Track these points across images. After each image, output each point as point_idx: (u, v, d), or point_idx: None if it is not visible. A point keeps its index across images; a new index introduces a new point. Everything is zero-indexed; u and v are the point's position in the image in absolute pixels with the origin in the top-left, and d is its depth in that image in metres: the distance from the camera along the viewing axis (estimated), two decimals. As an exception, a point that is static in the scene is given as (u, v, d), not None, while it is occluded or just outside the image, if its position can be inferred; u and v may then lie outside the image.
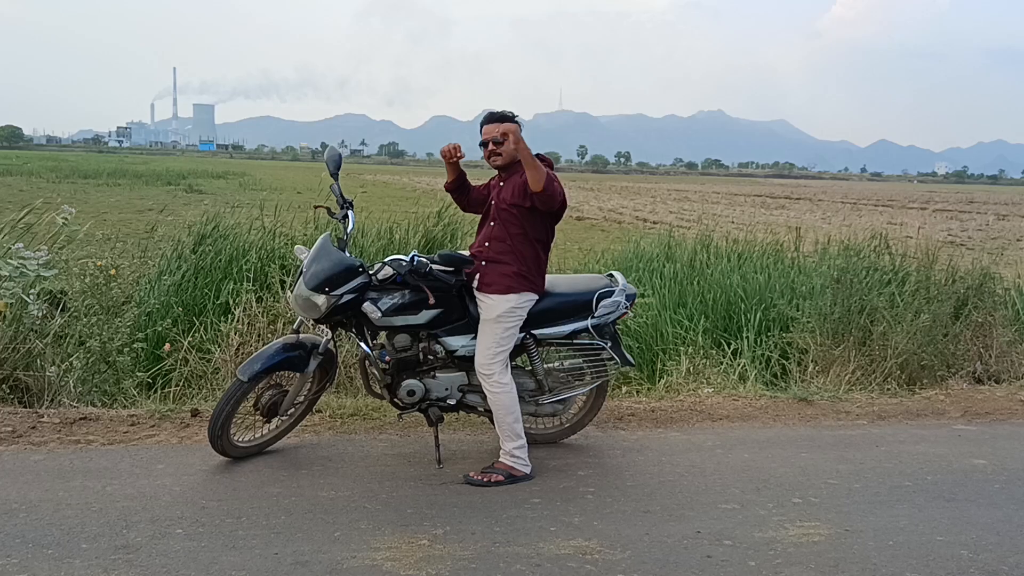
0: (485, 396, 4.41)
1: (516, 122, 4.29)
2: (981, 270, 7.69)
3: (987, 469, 4.68)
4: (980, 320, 7.02)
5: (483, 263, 4.32)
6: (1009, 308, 7.61)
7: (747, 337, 6.91)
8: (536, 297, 4.35)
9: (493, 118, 4.34)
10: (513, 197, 4.25)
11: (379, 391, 4.44)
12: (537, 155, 4.19)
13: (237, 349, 5.80)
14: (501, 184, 4.41)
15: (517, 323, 4.29)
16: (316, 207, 4.91)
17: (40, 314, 5.46)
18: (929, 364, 6.54)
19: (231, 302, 6.19)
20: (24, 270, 5.47)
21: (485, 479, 4.17)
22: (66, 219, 6.32)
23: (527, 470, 4.26)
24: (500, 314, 4.22)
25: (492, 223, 4.37)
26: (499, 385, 4.22)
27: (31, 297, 5.39)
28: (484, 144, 4.33)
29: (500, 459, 4.27)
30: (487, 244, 4.36)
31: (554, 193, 4.15)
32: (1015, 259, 14.14)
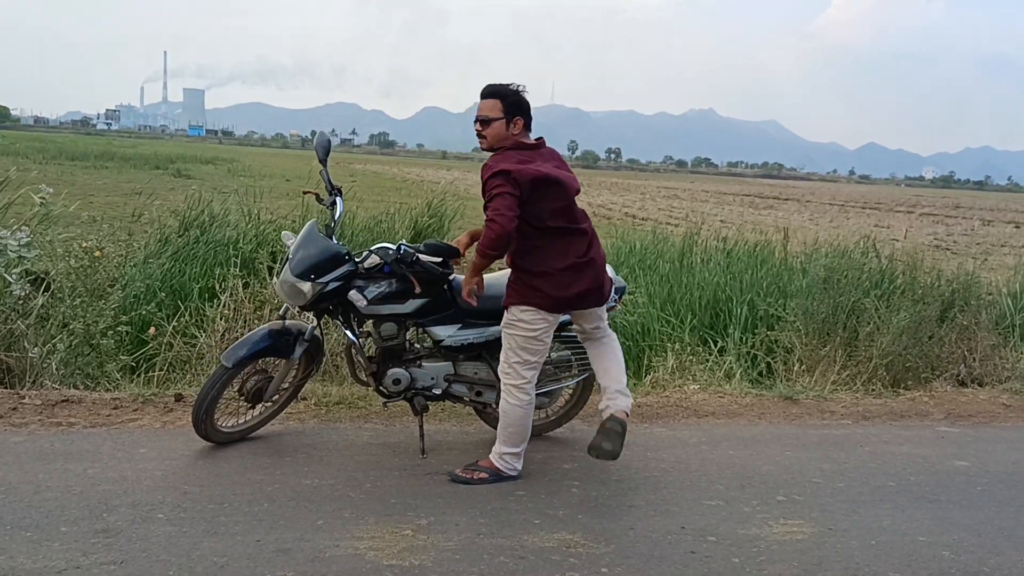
0: (470, 386, 4.39)
1: (519, 96, 3.90)
2: (966, 274, 7.73)
3: (969, 471, 4.70)
4: (965, 323, 7.05)
5: None
6: (993, 312, 7.65)
7: (733, 335, 6.92)
8: (537, 312, 3.89)
9: (488, 93, 3.93)
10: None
11: (365, 379, 4.43)
12: (530, 142, 3.94)
13: (223, 335, 5.77)
14: None
15: (529, 336, 3.91)
16: (305, 193, 4.87)
17: (23, 295, 5.41)
18: (914, 366, 6.57)
19: (217, 287, 6.16)
20: (6, 251, 5.42)
21: (469, 476, 4.02)
22: (43, 199, 6.25)
23: (514, 474, 4.08)
24: (504, 323, 4.00)
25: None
26: (512, 394, 3.96)
27: (13, 277, 5.34)
28: (475, 121, 3.94)
29: (490, 457, 4.09)
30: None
31: (496, 243, 3.72)
32: (999, 264, 14.25)
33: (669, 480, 4.27)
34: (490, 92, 3.90)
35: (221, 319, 5.86)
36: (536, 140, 4.01)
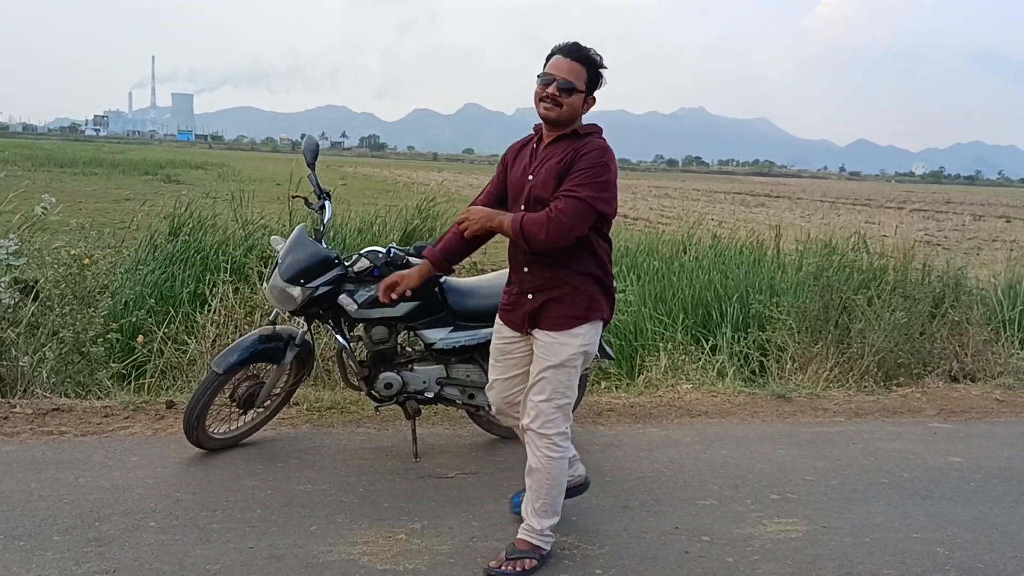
0: (463, 389, 4.37)
1: (601, 72, 3.15)
2: (957, 270, 7.75)
3: (963, 467, 4.71)
4: (956, 319, 7.08)
5: (528, 295, 3.22)
6: (985, 307, 7.68)
7: (726, 333, 6.93)
8: (600, 327, 3.29)
9: (572, 52, 3.09)
10: (545, 188, 3.10)
11: (356, 383, 4.41)
12: (589, 126, 3.22)
13: (213, 341, 5.75)
14: (536, 162, 3.20)
15: (586, 360, 3.28)
16: (294, 197, 4.85)
17: (12, 303, 5.38)
18: (906, 362, 6.59)
19: (208, 293, 6.13)
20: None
21: (516, 569, 3.22)
22: (45, 208, 6.23)
23: (549, 547, 3.36)
24: (567, 358, 3.17)
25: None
26: (556, 449, 3.23)
27: (2, 285, 5.31)
28: (547, 81, 3.06)
29: (525, 539, 3.31)
30: (527, 269, 3.22)
31: (544, 241, 3.02)
32: (990, 259, 14.31)
33: (663, 480, 4.27)
34: (577, 54, 3.09)
35: (212, 325, 5.84)
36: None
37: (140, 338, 5.78)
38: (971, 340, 6.99)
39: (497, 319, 3.46)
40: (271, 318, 4.42)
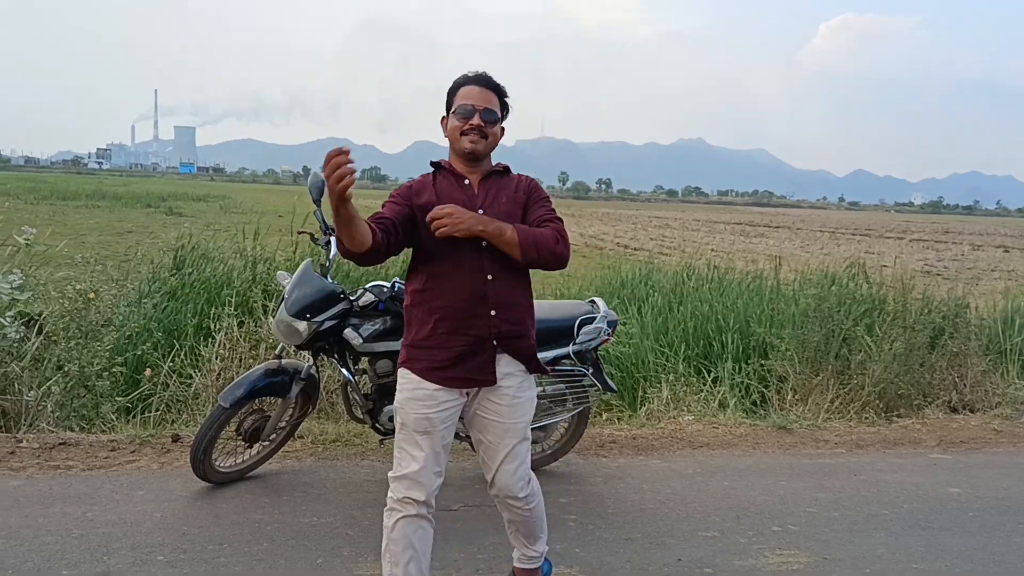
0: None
1: (507, 101, 3.00)
2: (956, 300, 7.80)
3: (962, 497, 4.74)
4: (955, 350, 7.11)
5: (493, 342, 2.85)
6: (983, 337, 7.71)
7: (727, 365, 6.96)
8: None
9: (483, 82, 2.93)
10: (512, 219, 2.86)
11: (361, 416, 4.45)
12: (496, 167, 3.03)
13: (218, 374, 5.79)
14: (480, 198, 2.92)
15: None
16: (300, 233, 4.92)
17: (17, 337, 5.43)
18: (906, 393, 6.61)
19: (212, 326, 6.17)
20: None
21: None
22: (28, 240, 6.26)
23: (543, 556, 3.29)
24: (531, 408, 3.00)
25: (490, 276, 2.82)
26: (532, 499, 3.04)
27: (7, 320, 5.36)
28: (467, 113, 2.88)
29: (522, 566, 3.25)
30: (494, 312, 2.84)
31: (551, 250, 2.82)
32: (989, 289, 14.34)
33: (665, 512, 4.30)
34: (488, 83, 2.94)
35: (216, 359, 5.87)
36: None
37: (147, 372, 5.82)
38: (970, 371, 7.03)
39: (419, 383, 2.85)
40: (277, 352, 4.47)
